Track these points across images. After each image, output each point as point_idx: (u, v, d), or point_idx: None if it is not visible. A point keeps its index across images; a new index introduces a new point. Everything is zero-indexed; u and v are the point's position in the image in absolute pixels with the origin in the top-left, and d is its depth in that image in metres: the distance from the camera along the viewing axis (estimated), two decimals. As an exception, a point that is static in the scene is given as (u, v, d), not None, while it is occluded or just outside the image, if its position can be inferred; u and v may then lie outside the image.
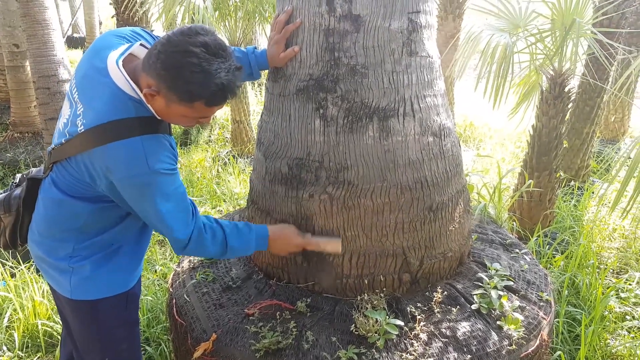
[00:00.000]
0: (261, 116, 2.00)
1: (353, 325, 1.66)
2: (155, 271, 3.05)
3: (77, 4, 12.16)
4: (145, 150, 1.33)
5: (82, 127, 1.34)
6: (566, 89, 3.27)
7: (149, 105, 1.35)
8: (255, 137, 5.71)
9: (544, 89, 3.33)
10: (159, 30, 9.74)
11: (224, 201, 4.10)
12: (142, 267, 1.69)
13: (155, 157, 1.34)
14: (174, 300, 1.97)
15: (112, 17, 7.82)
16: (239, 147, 5.37)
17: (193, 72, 1.23)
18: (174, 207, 1.42)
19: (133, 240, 1.60)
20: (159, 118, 1.38)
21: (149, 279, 2.94)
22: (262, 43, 8.50)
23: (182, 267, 2.15)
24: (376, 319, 1.64)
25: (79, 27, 13.07)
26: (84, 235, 1.49)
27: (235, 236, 1.59)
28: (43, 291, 2.66)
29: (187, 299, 1.92)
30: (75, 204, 1.44)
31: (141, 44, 1.42)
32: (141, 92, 1.33)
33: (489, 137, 6.17)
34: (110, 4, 7.12)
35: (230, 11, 4.71)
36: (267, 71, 1.90)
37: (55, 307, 2.59)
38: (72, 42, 12.49)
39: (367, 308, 1.71)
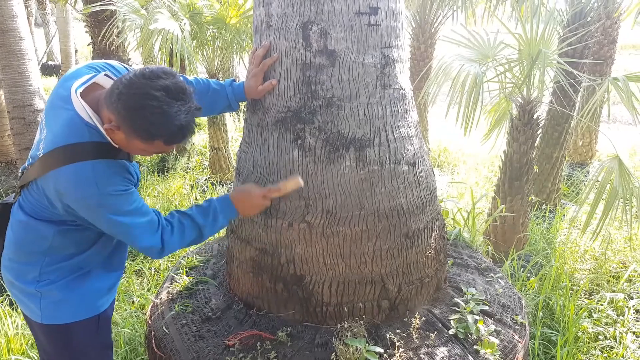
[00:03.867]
0: (240, 146, 2.03)
1: (333, 353, 1.67)
2: (133, 302, 3.00)
3: (53, 32, 12.12)
4: (95, 173, 1.36)
5: (42, 151, 1.40)
6: (535, 116, 3.40)
7: (108, 137, 1.39)
8: (234, 164, 5.66)
9: (514, 116, 3.46)
10: (137, 58, 9.75)
11: (203, 229, 4.07)
12: (115, 290, 1.70)
13: (105, 180, 1.37)
14: (153, 332, 1.94)
15: (88, 45, 7.81)
16: (218, 174, 5.37)
17: (153, 114, 1.28)
18: (135, 221, 1.45)
19: (104, 263, 1.62)
20: (117, 146, 1.42)
21: (126, 310, 2.89)
22: (240, 72, 8.58)
23: (161, 298, 2.13)
24: (356, 346, 1.66)
25: (54, 55, 12.99)
26: (51, 258, 1.51)
27: (200, 215, 1.61)
28: (17, 325, 2.59)
29: (166, 331, 1.91)
30: (39, 226, 1.47)
31: (106, 74, 1.47)
32: (102, 123, 1.37)
33: (462, 162, 6.31)
34: (87, 32, 7.13)
35: (207, 40, 4.77)
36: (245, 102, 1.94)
37: (30, 342, 2.52)
38: (47, 70, 12.39)
39: (347, 336, 1.72)
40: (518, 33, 3.24)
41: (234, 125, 7.52)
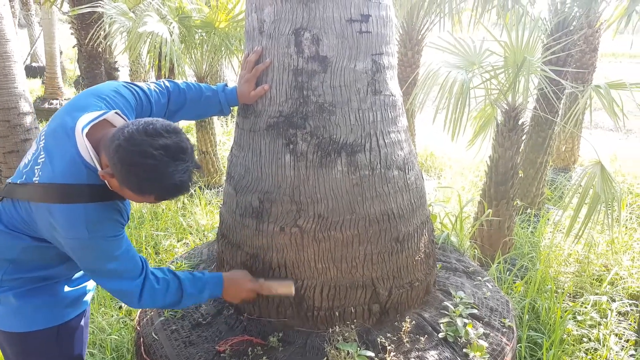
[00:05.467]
0: (231, 150, 2.03)
1: (325, 358, 1.68)
2: (120, 308, 2.97)
3: (36, 33, 11.94)
4: (86, 218, 1.36)
5: (38, 178, 1.38)
6: (520, 122, 3.46)
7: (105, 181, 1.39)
8: (222, 167, 5.61)
9: (499, 122, 3.52)
10: (124, 61, 9.66)
11: (190, 234, 4.06)
12: (83, 303, 1.68)
13: (96, 225, 1.38)
14: (142, 338, 1.93)
15: (74, 47, 7.72)
16: (206, 178, 5.34)
17: (147, 171, 1.27)
18: (119, 266, 1.46)
19: (70, 279, 1.62)
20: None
21: (112, 316, 2.86)
22: (228, 75, 8.57)
23: (150, 303, 2.12)
24: (348, 351, 1.67)
25: (38, 57, 12.80)
26: (15, 267, 1.49)
27: (189, 282, 1.63)
28: None
29: (156, 337, 1.89)
30: (12, 237, 1.46)
31: (116, 113, 1.43)
32: (101, 165, 1.36)
33: (449, 167, 6.37)
34: (72, 34, 7.06)
35: (196, 44, 4.76)
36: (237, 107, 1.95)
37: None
38: (31, 72, 12.21)
39: (338, 340, 1.73)
40: (503, 41, 3.30)
41: (222, 129, 7.50)
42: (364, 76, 1.77)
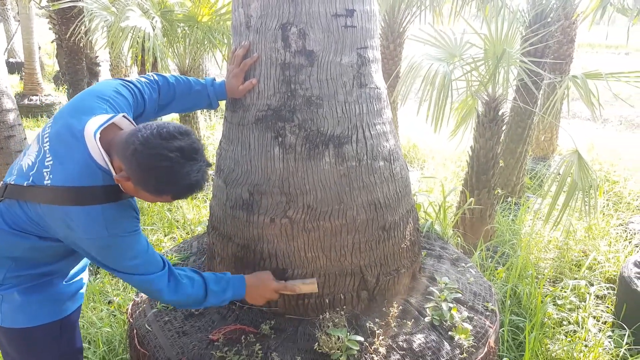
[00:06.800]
0: (220, 144, 2.06)
1: (316, 343, 1.73)
2: (110, 302, 2.99)
3: (13, 29, 11.69)
4: (104, 217, 1.40)
5: (50, 181, 1.39)
6: (500, 113, 3.55)
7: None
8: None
9: (480, 113, 3.60)
10: (105, 56, 9.52)
11: (178, 228, 4.07)
12: (81, 296, 1.72)
13: (114, 223, 1.43)
14: (135, 330, 1.96)
15: (52, 42, 7.61)
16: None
17: (165, 173, 1.33)
18: (141, 261, 1.51)
19: (70, 273, 1.65)
20: None
21: (102, 310, 2.87)
22: (210, 69, 8.53)
23: (142, 296, 2.14)
24: (338, 336, 1.72)
25: (16, 52, 12.56)
26: (17, 265, 1.51)
27: (213, 281, 1.67)
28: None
29: (149, 328, 1.92)
30: (17, 236, 1.46)
31: (124, 116, 1.46)
32: (113, 167, 1.40)
33: (431, 158, 6.48)
34: (50, 29, 6.95)
35: (179, 38, 4.74)
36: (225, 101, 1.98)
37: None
38: (8, 68, 11.98)
39: (328, 326, 1.79)
40: (483, 33, 3.38)
41: (205, 123, 7.48)
42: (349, 70, 1.82)
